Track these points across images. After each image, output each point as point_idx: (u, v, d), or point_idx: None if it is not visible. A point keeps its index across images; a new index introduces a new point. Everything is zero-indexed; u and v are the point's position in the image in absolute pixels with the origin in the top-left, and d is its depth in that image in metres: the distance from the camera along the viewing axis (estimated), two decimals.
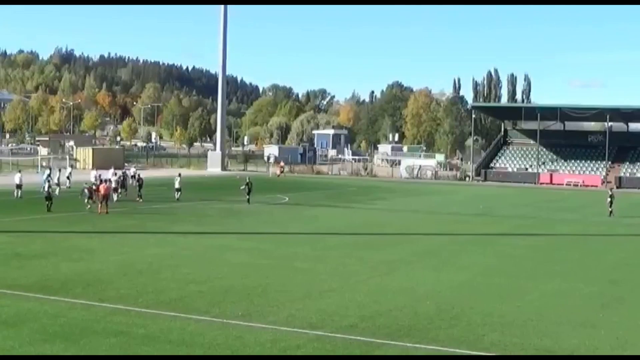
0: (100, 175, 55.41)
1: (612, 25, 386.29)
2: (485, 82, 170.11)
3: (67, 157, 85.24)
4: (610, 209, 52.28)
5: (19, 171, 60.25)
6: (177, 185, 55.74)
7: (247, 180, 55.65)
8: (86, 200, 47.53)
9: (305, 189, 68.41)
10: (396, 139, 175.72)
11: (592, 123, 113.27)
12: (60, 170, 62.19)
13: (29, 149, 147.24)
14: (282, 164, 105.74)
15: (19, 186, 53.87)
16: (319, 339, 17.91)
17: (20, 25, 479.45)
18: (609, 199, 52.92)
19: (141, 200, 53.71)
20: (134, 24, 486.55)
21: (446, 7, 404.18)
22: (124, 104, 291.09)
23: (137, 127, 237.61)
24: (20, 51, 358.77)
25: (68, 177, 63.95)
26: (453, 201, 65.19)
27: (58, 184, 57.64)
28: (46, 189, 47.98)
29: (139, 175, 59.94)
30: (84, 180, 54.52)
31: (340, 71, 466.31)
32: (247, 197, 54.33)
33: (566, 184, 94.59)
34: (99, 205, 45.57)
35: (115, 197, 51.95)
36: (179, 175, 57.66)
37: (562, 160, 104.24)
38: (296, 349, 17.13)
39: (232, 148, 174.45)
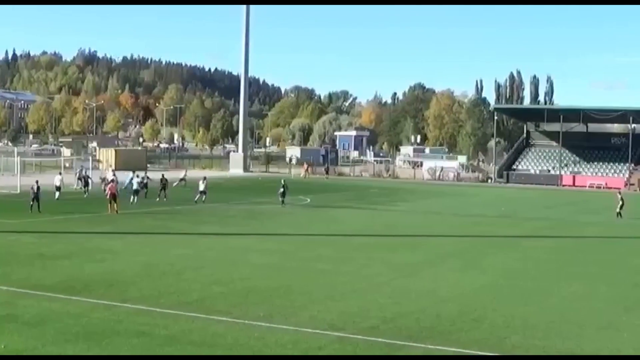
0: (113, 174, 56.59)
1: (636, 26, 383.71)
2: (507, 83, 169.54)
3: (90, 158, 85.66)
4: (618, 211, 51.73)
5: (60, 173, 59.43)
6: (201, 188, 55.39)
7: (283, 183, 55.49)
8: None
9: (327, 190, 68.57)
10: (418, 140, 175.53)
11: (615, 125, 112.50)
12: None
13: (52, 149, 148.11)
14: (305, 165, 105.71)
15: (58, 188, 54.08)
16: (341, 341, 17.90)
17: (44, 27, 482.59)
18: (620, 202, 52.43)
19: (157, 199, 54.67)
20: (156, 25, 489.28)
21: (469, 8, 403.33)
22: (147, 105, 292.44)
23: (160, 128, 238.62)
24: (44, 52, 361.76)
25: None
26: (475, 203, 65.02)
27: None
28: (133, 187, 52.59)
29: (147, 177, 59.42)
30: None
31: (363, 72, 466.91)
32: (282, 199, 54.24)
33: (589, 186, 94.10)
34: (108, 206, 45.73)
35: (134, 198, 52.07)
36: (205, 178, 57.26)
37: (585, 162, 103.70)
38: (317, 350, 17.14)
39: (254, 149, 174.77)
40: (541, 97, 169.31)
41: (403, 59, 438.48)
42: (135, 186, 53.59)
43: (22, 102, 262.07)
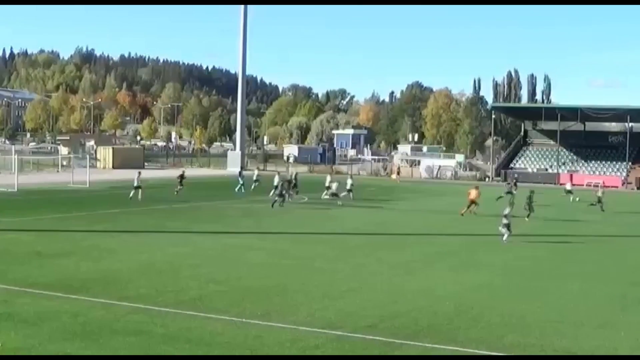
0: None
1: (634, 25, 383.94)
2: (505, 82, 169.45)
3: (87, 156, 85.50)
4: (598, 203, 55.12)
5: (139, 172, 56.46)
6: (275, 182, 56.70)
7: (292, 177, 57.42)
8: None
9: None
10: (416, 139, 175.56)
11: (613, 123, 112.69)
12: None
13: (49, 148, 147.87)
14: (396, 168, 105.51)
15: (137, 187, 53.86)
16: (338, 339, 17.90)
17: (41, 25, 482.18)
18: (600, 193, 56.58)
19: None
20: (154, 23, 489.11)
21: (466, 7, 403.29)
22: (144, 103, 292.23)
23: (157, 126, 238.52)
24: (41, 51, 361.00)
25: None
26: None
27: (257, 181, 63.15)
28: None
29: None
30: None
31: (360, 71, 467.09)
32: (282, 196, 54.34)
33: (586, 185, 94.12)
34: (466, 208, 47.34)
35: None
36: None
37: (582, 161, 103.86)
38: (315, 349, 17.13)
39: (252, 148, 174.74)
40: (539, 96, 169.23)
41: (401, 58, 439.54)
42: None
43: (20, 100, 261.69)
